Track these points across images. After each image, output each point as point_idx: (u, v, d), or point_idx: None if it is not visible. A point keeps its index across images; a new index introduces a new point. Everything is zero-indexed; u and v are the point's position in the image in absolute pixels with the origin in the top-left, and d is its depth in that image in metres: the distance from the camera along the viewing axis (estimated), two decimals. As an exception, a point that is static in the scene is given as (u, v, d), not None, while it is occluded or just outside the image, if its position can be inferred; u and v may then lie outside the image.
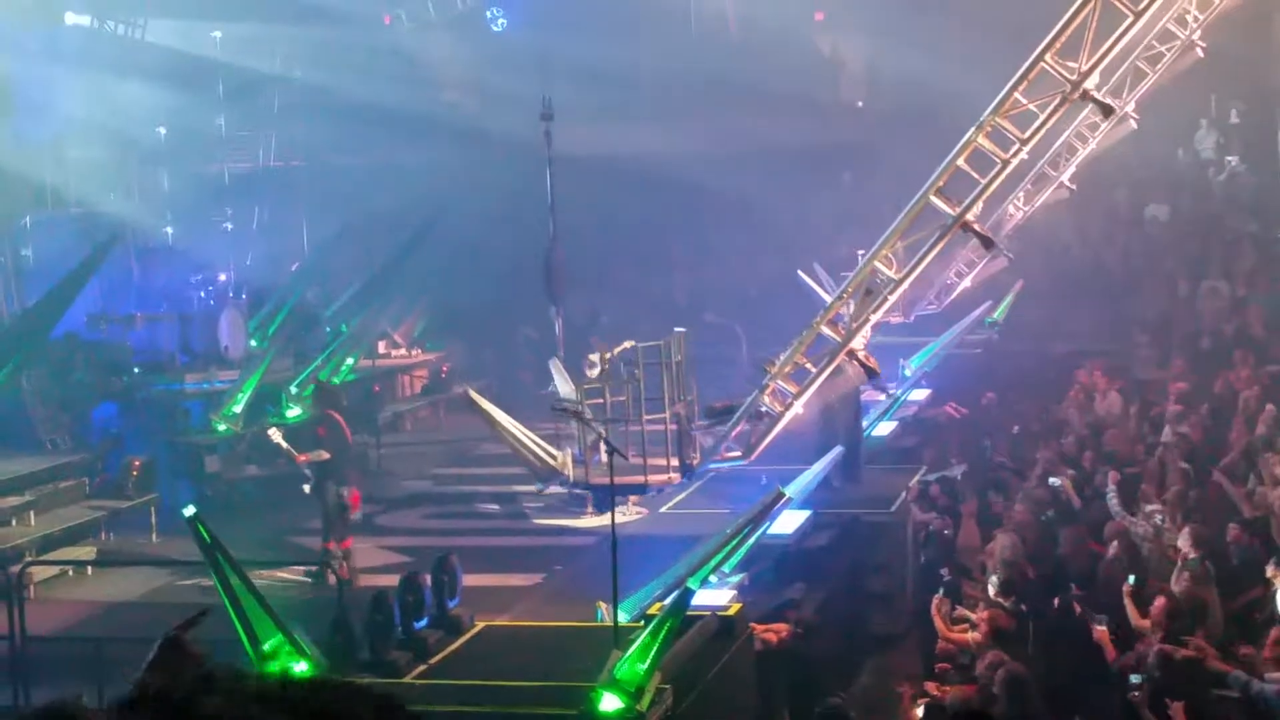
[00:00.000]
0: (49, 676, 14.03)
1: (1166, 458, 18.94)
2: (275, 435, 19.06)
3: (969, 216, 15.47)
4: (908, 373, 23.34)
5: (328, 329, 27.62)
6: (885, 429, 21.60)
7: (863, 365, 16.28)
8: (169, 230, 30.19)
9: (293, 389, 24.81)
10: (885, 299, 15.96)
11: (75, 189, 28.77)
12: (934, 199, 15.50)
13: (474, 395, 17.77)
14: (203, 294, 27.80)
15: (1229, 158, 33.26)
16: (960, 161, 15.43)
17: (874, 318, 16.08)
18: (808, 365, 16.49)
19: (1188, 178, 33.31)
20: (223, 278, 29.00)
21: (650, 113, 34.35)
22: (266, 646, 11.84)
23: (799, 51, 35.81)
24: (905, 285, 16.17)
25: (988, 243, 16.30)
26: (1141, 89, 22.94)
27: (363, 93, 33.75)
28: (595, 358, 23.58)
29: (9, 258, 26.51)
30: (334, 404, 19.49)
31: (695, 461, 17.06)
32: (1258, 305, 27.23)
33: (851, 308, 16.27)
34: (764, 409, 16.52)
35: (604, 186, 31.69)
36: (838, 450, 18.78)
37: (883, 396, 22.05)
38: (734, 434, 16.96)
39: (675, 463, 16.79)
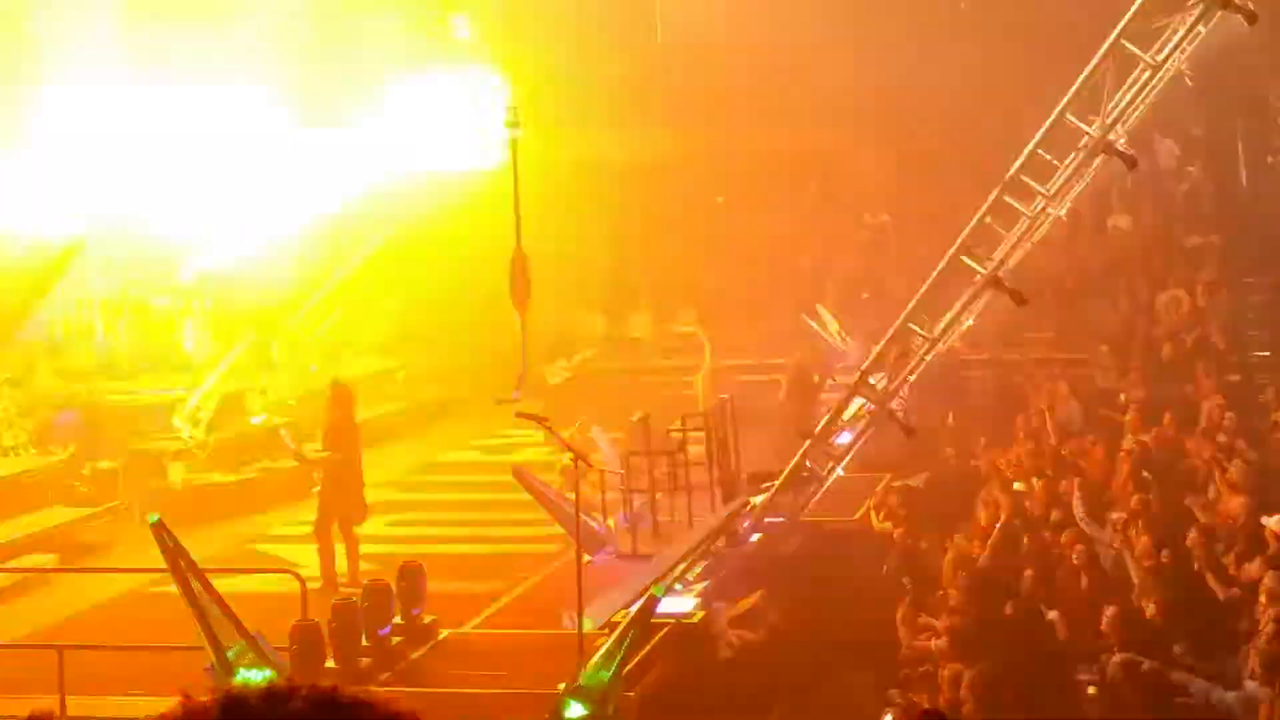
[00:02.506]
0: (10, 684, 13.95)
1: (1128, 466, 19.04)
2: (285, 435, 19.18)
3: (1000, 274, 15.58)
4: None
5: (291, 335, 27.52)
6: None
7: (900, 424, 16.39)
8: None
9: (257, 395, 24.74)
10: (922, 360, 16.06)
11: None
12: (964, 259, 15.59)
13: (520, 470, 17.72)
14: (167, 299, 27.63)
15: (1189, 168, 33.44)
16: (989, 219, 15.52)
17: (911, 379, 16.16)
18: (849, 430, 16.61)
19: (1149, 188, 33.46)
20: (187, 282, 28.82)
21: (614, 120, 34.33)
22: (230, 653, 11.82)
23: (765, 60, 35.85)
24: (940, 346, 16.25)
25: (1020, 299, 16.34)
26: (1131, 120, 23.10)
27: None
28: (562, 365, 23.60)
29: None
30: (345, 404, 19.52)
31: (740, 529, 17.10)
32: (1218, 315, 27.40)
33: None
34: (806, 474, 16.62)
35: (569, 195, 31.67)
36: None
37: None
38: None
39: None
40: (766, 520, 16.99)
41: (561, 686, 11.04)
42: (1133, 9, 15.29)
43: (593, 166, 32.74)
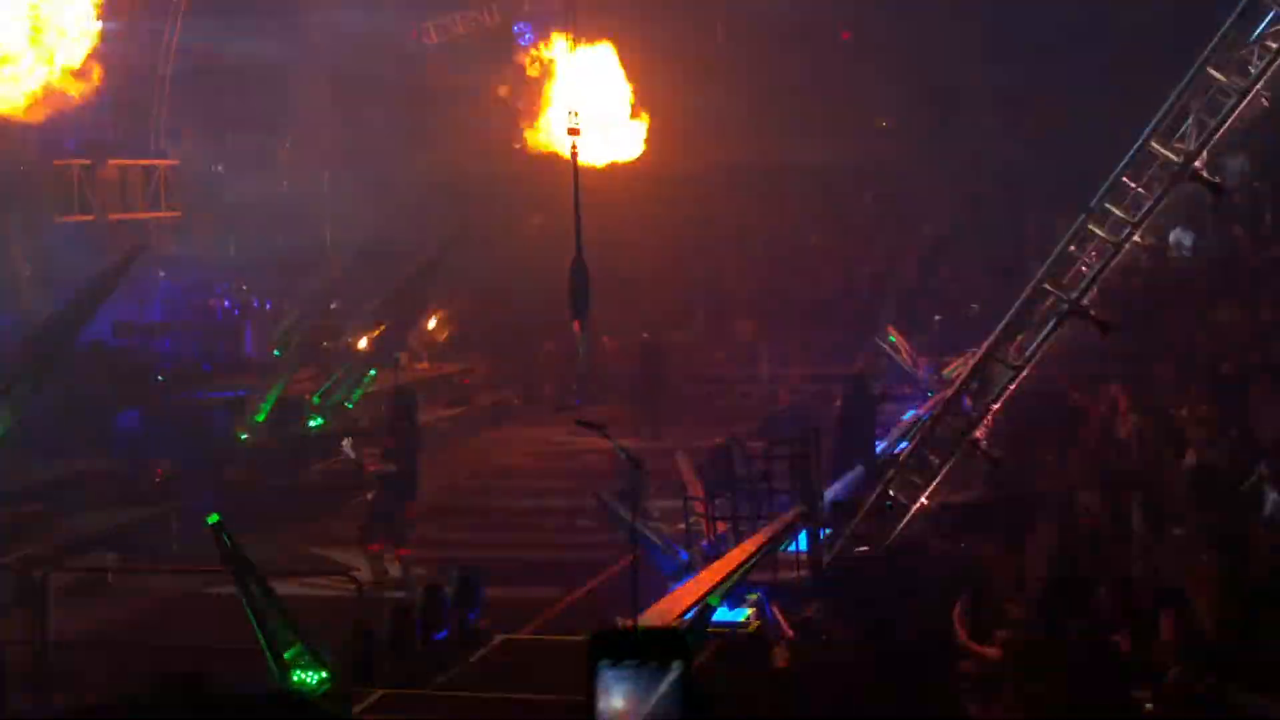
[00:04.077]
0: (71, 681, 14.06)
1: (1190, 481, 18.85)
2: (346, 444, 19.35)
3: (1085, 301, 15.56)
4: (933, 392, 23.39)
5: (350, 340, 27.64)
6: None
7: (984, 454, 16.35)
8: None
9: (315, 399, 24.85)
10: (1006, 389, 16.05)
11: (102, 198, 28.81)
12: (1048, 286, 15.58)
13: (602, 496, 17.79)
14: (227, 303, 27.84)
15: (1255, 183, 33.13)
16: (1072, 248, 15.49)
17: (995, 407, 16.14)
18: (932, 457, 16.62)
19: (1212, 203, 33.16)
20: (246, 288, 29.02)
21: (672, 129, 34.32)
22: (287, 655, 11.87)
23: (823, 70, 35.80)
24: (1025, 373, 16.22)
25: (1106, 328, 16.30)
26: (1210, 143, 22.95)
27: (388, 107, 33.83)
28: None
29: (36, 265, 26.57)
30: (406, 412, 19.60)
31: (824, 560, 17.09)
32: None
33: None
34: (889, 504, 16.62)
35: (626, 202, 31.70)
36: (858, 469, 18.82)
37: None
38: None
39: (805, 559, 16.84)
40: (854, 553, 17.01)
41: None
42: (1217, 37, 15.27)
43: (648, 174, 32.77)
